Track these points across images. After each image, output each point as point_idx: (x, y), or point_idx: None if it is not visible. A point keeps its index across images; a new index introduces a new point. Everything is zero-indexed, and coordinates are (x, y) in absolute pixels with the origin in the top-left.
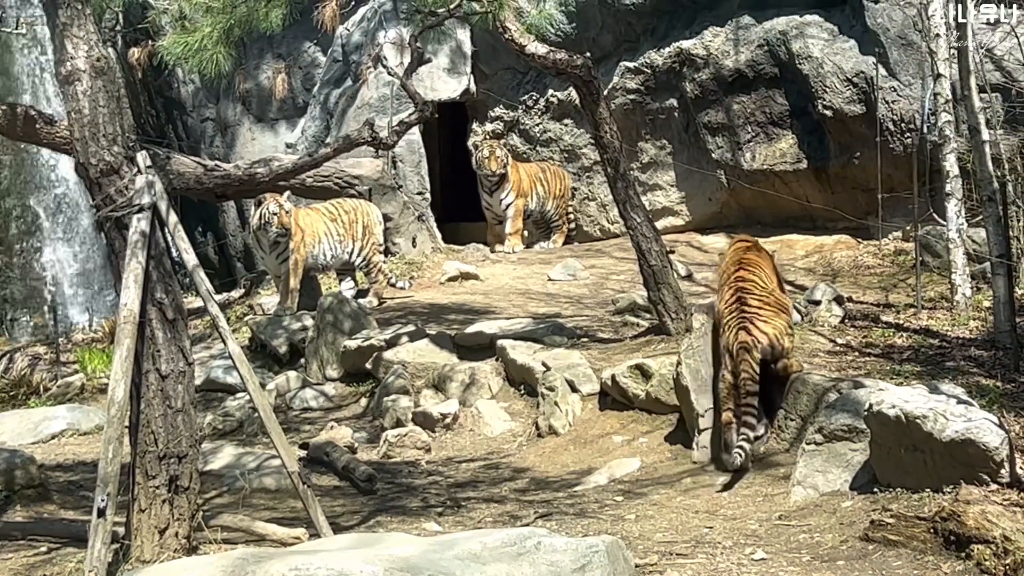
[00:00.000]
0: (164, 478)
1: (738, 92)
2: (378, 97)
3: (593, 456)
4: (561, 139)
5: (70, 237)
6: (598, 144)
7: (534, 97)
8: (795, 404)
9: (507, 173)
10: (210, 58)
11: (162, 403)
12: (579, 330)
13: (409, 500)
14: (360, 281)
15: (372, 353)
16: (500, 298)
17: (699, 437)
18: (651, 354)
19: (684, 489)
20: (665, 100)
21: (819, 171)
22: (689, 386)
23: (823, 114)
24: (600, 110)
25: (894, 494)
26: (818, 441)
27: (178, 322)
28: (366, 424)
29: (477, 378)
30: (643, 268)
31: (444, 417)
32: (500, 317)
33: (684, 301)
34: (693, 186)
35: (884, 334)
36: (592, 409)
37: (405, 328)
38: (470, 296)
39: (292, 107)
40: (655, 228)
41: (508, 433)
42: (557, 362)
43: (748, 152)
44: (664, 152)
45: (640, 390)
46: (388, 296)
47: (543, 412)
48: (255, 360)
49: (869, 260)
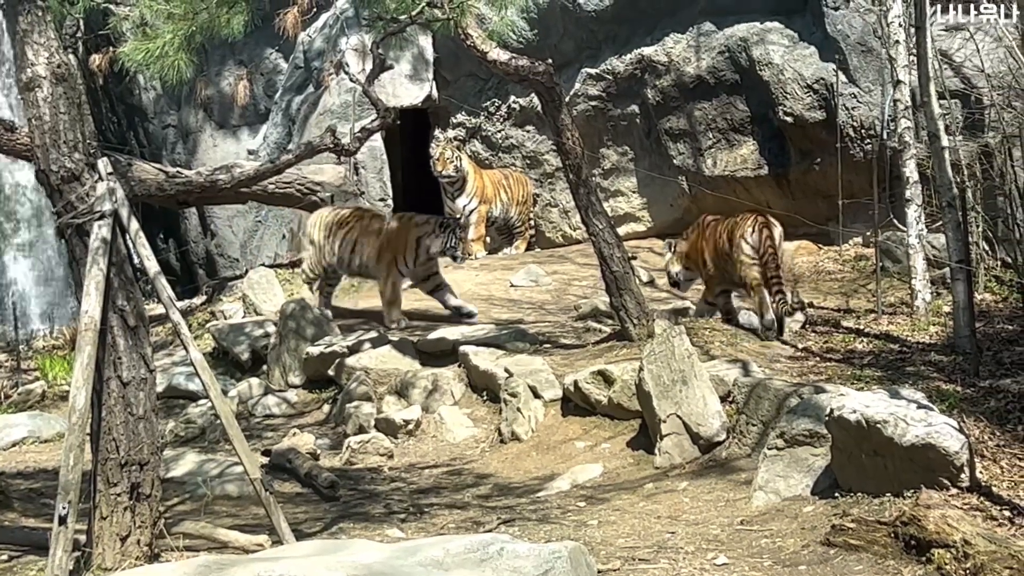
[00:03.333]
0: (126, 485)
1: (699, 99)
2: (340, 103)
3: (556, 462)
4: (523, 145)
5: (31, 244)
6: (560, 150)
7: (496, 104)
8: (756, 409)
9: (465, 177)
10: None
11: (123, 410)
12: (542, 336)
13: (372, 506)
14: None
15: (334, 359)
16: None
17: (661, 443)
18: (613, 360)
19: (646, 495)
20: (627, 106)
21: (780, 177)
22: (651, 392)
23: (784, 120)
24: (562, 116)
25: (855, 499)
26: (780, 446)
27: (140, 329)
28: (329, 431)
29: (440, 384)
30: (605, 274)
31: (407, 423)
32: (463, 323)
33: (646, 307)
34: (655, 192)
35: (845, 339)
36: (555, 415)
37: (368, 334)
38: (432, 303)
39: (254, 114)
40: (617, 234)
41: (471, 439)
42: (520, 368)
43: (709, 158)
44: (626, 158)
45: (602, 396)
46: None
47: (506, 418)
48: (217, 367)
49: (830, 265)
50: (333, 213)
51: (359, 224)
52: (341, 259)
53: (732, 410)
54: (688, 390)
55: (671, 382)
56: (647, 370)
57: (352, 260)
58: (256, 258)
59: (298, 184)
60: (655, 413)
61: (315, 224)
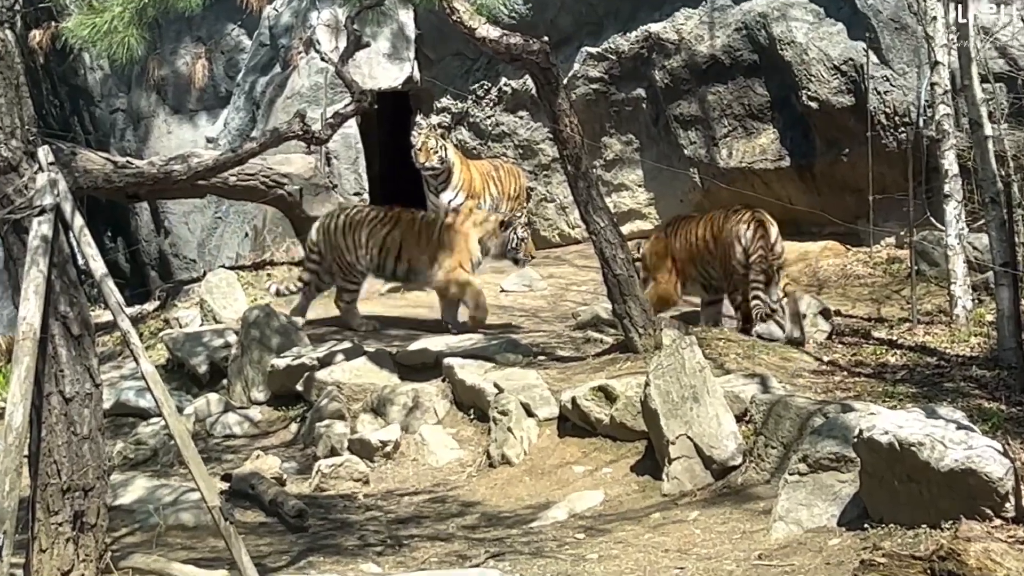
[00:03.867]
0: (68, 514)
1: (713, 81)
2: (310, 86)
3: (551, 488)
4: (515, 133)
5: None
6: (557, 139)
7: (485, 86)
8: (776, 429)
9: (451, 169)
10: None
11: (66, 429)
12: (536, 347)
13: (345, 538)
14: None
15: (303, 373)
16: None
17: (670, 467)
18: (616, 374)
19: (653, 525)
20: (632, 90)
21: (803, 170)
22: (659, 410)
23: (807, 106)
24: (559, 101)
25: (887, 530)
26: (802, 471)
27: (84, 338)
28: (296, 453)
29: (421, 401)
30: (607, 278)
31: (384, 445)
32: (447, 332)
33: (653, 315)
34: (663, 186)
35: (876, 351)
36: (550, 436)
37: (340, 345)
38: (413, 309)
39: (213, 97)
40: (620, 233)
41: (456, 463)
42: (511, 383)
43: (724, 148)
44: (631, 148)
45: (604, 414)
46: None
47: (495, 439)
48: (171, 381)
49: (859, 269)
50: (355, 211)
51: (400, 224)
52: (377, 264)
53: (749, 431)
54: (700, 408)
55: (681, 399)
56: (654, 386)
57: (396, 266)
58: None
59: (263, 176)
60: (663, 434)
61: (332, 226)
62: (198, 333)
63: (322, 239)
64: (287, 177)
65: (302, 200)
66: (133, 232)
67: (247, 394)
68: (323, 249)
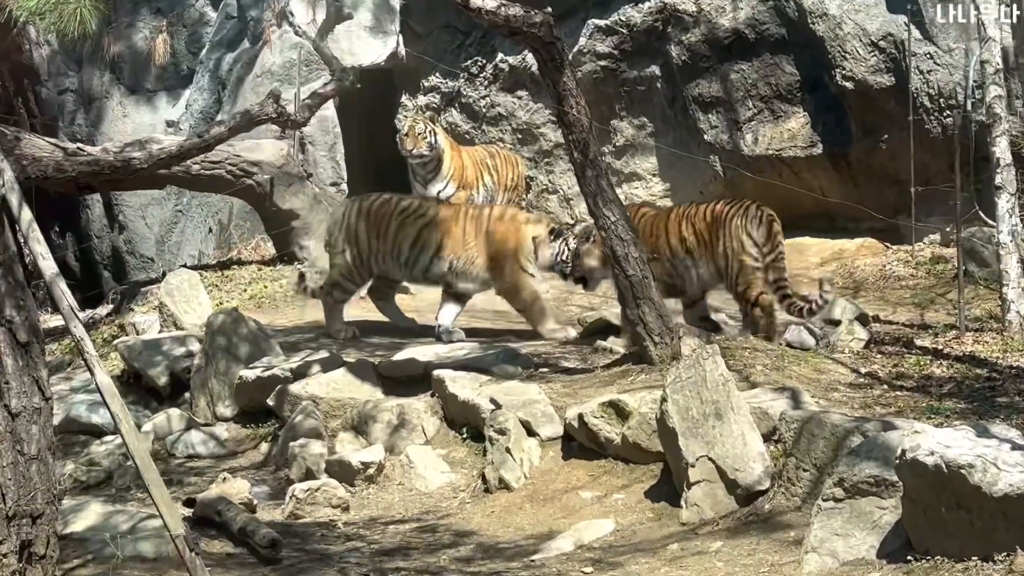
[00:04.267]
0: (14, 543)
1: (737, 58)
2: (283, 63)
3: (555, 516)
4: (514, 116)
5: None
6: (561, 122)
7: (479, 63)
8: (809, 450)
9: (440, 156)
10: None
11: (12, 448)
12: (537, 357)
13: (322, 571)
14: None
15: (275, 386)
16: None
17: (689, 492)
18: (628, 388)
19: (670, 558)
20: (645, 67)
21: (837, 158)
22: (677, 428)
23: (842, 86)
24: (563, 80)
25: (932, 563)
26: (838, 497)
27: (32, 346)
28: (268, 475)
29: (408, 418)
30: (618, 279)
31: (366, 467)
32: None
33: (671, 320)
34: (680, 175)
35: (919, 362)
36: (554, 457)
37: (316, 354)
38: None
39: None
40: (633, 228)
41: (447, 487)
42: (509, 398)
43: (749, 133)
44: (644, 133)
45: (615, 433)
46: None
47: (492, 461)
48: (128, 394)
49: (900, 269)
50: (381, 202)
51: (437, 218)
52: (408, 262)
53: (778, 451)
54: (723, 426)
55: (702, 416)
56: (672, 401)
57: (432, 265)
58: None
59: (229, 164)
60: (681, 455)
61: (354, 215)
62: (157, 341)
63: (344, 230)
64: (257, 165)
65: (273, 191)
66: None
67: (212, 409)
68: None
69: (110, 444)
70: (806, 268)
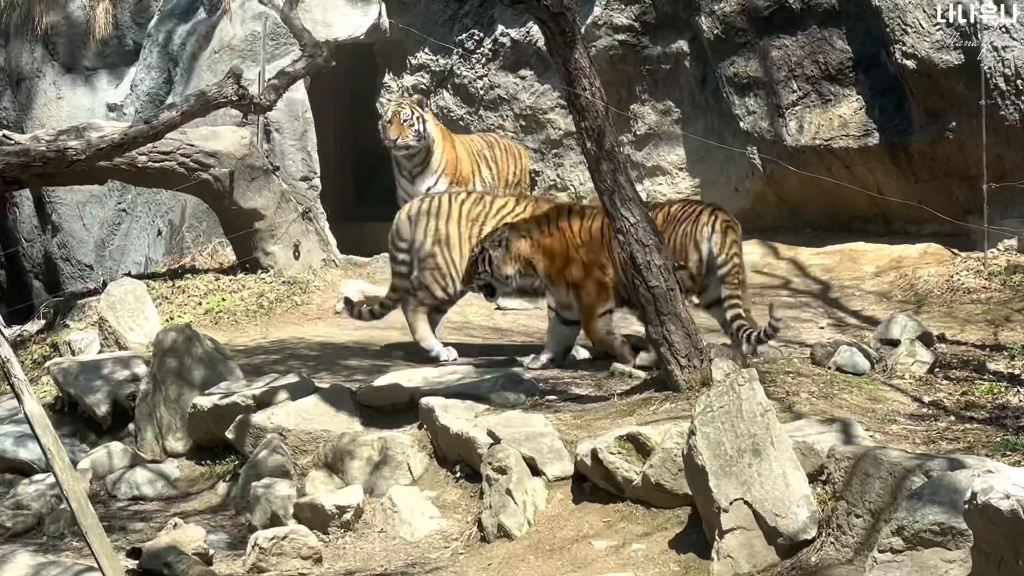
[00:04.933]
0: None
1: (779, 32)
2: (245, 36)
3: (564, 570)
4: (516, 99)
5: None
6: (572, 107)
7: (476, 37)
8: (863, 493)
9: (430, 147)
10: None
11: None
12: (543, 382)
13: None
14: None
15: (235, 415)
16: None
17: (721, 542)
18: (650, 419)
19: None
20: (671, 43)
21: (896, 149)
22: (707, 466)
23: (902, 65)
24: (575, 57)
25: None
26: (896, 547)
27: None
28: (226, 521)
29: (391, 454)
30: (639, 291)
31: (342, 511)
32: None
33: (699, 340)
34: (712, 169)
35: (992, 389)
36: (563, 500)
37: (284, 379)
38: (380, 332)
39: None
40: (657, 231)
41: (437, 535)
42: (511, 431)
43: (793, 120)
44: (669, 119)
45: (634, 473)
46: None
47: (490, 505)
48: (61, 425)
49: (970, 280)
50: (475, 198)
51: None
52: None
53: (826, 494)
54: (762, 464)
55: (736, 452)
56: (701, 434)
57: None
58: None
59: (181, 155)
60: (712, 498)
61: (447, 215)
62: (96, 363)
63: (418, 230)
64: (214, 157)
65: (233, 187)
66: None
67: (161, 443)
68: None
69: (41, 484)
70: (859, 279)
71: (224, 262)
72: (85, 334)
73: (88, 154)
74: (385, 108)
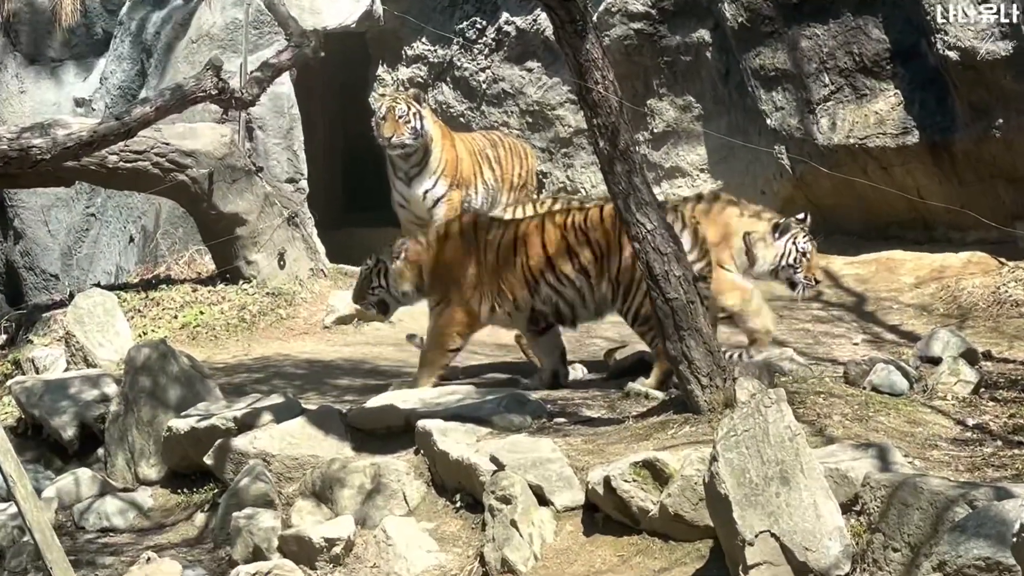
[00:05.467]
0: None
1: (809, 20)
2: (225, 24)
3: None
4: (522, 93)
5: None
6: (583, 102)
7: (478, 25)
8: (901, 524)
9: (428, 146)
10: None
11: None
12: (551, 403)
13: None
14: None
15: (214, 439)
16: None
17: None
18: (668, 444)
19: None
20: (691, 32)
21: (938, 148)
22: (730, 495)
23: (944, 56)
24: (586, 47)
25: None
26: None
27: None
28: (204, 555)
29: (385, 482)
30: (656, 303)
31: (331, 544)
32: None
33: (722, 357)
34: (736, 171)
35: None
36: (572, 533)
37: (268, 400)
38: (373, 348)
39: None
40: (676, 238)
41: (435, 571)
42: (516, 456)
43: (825, 117)
44: (689, 116)
45: (651, 502)
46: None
47: (492, 537)
48: (24, 450)
49: (1019, 292)
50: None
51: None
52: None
53: (861, 525)
54: (790, 493)
55: (763, 480)
56: (724, 460)
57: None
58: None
59: (156, 155)
60: (736, 531)
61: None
62: (62, 381)
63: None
64: (191, 156)
65: (212, 189)
66: None
67: (133, 470)
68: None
69: (1, 514)
70: (897, 291)
71: (202, 272)
72: (50, 350)
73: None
74: (379, 103)
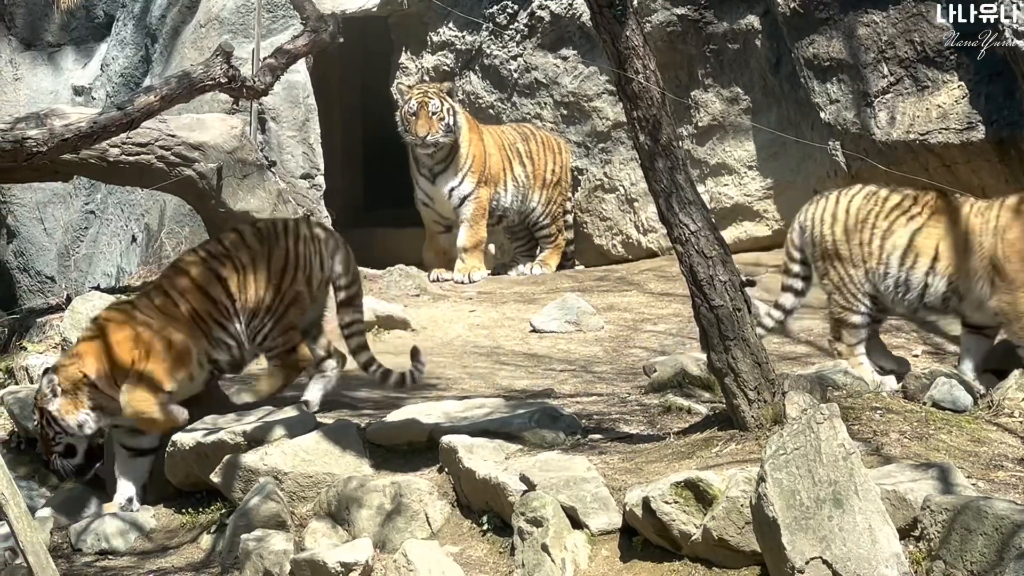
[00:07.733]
0: None
1: (867, 5)
2: (236, 7)
3: None
4: (557, 84)
5: None
6: (622, 93)
7: (509, 10)
8: (963, 550)
9: (457, 141)
10: None
11: None
12: (586, 419)
13: None
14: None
15: (222, 455)
16: (447, 361)
17: None
18: (713, 462)
19: None
20: (739, 18)
21: (1006, 144)
22: (779, 519)
23: (1013, 46)
24: (626, 34)
25: None
26: None
27: None
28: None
29: (406, 502)
30: (700, 312)
31: (348, 569)
32: (447, 395)
33: (771, 370)
34: (787, 168)
35: None
36: (608, 558)
37: (280, 413)
38: (394, 358)
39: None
40: (723, 242)
41: None
42: (548, 476)
43: (883, 110)
44: (737, 108)
45: (693, 525)
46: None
47: (522, 563)
48: (17, 465)
49: None
50: (862, 195)
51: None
52: (908, 283)
53: (920, 552)
54: (844, 517)
55: (814, 502)
56: (772, 481)
57: (930, 285)
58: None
59: (161, 147)
60: (785, 556)
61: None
62: None
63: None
64: (199, 150)
65: (221, 185)
66: None
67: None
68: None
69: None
70: None
71: None
72: (46, 358)
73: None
74: (407, 96)
